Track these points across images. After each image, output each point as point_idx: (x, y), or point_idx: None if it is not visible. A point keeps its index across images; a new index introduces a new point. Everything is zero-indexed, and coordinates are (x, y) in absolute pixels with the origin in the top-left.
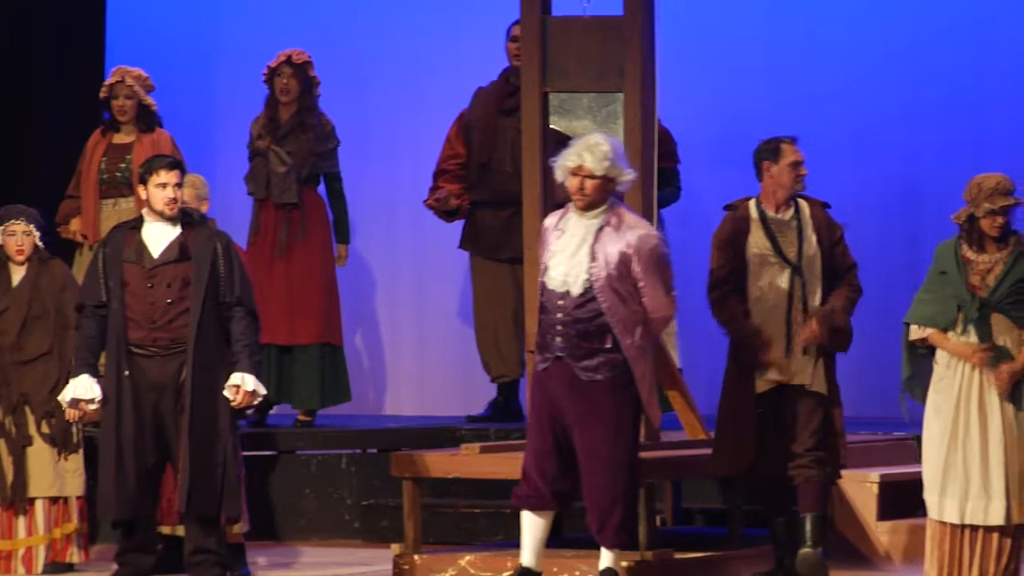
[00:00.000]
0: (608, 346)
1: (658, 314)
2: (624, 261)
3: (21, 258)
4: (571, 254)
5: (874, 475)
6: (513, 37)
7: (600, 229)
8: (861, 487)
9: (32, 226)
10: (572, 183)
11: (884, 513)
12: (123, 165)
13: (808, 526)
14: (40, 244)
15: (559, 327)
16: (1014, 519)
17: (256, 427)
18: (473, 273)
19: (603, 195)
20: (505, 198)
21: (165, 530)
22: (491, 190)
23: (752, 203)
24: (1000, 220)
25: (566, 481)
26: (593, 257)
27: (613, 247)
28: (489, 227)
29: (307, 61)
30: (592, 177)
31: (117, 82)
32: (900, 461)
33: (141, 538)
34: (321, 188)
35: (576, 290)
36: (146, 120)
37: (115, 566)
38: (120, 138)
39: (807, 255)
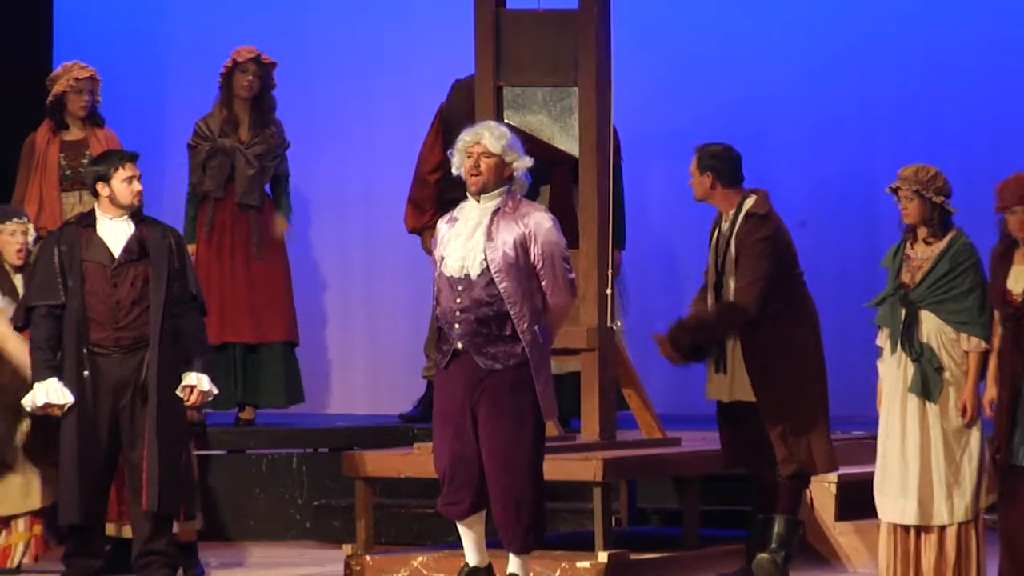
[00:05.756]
0: (507, 333)
1: (557, 299)
2: (522, 244)
3: (21, 261)
4: (467, 238)
5: (832, 475)
6: None
7: (496, 212)
8: (820, 487)
9: (30, 224)
10: (468, 163)
11: (843, 514)
12: (85, 161)
13: (775, 528)
14: None
15: (458, 313)
16: (932, 519)
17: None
18: None
19: (498, 178)
20: None
21: (109, 530)
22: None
23: None
24: (904, 204)
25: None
26: (489, 237)
27: (509, 229)
28: None
29: (273, 63)
30: (489, 155)
31: (88, 77)
32: (859, 461)
33: (92, 542)
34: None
35: (474, 272)
36: (97, 116)
37: (63, 568)
38: (71, 135)
39: (727, 269)
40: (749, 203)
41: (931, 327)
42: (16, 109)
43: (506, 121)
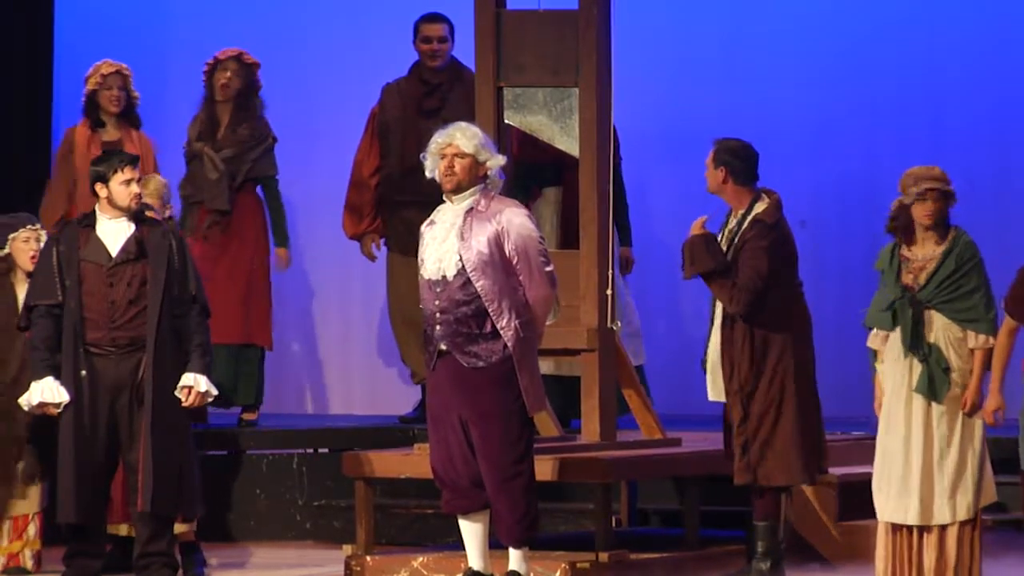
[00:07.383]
0: (488, 331)
1: (536, 292)
2: (495, 241)
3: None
4: (442, 240)
5: (832, 476)
6: (425, 38)
7: (469, 211)
8: (820, 488)
9: (43, 231)
10: (442, 164)
11: (843, 514)
12: None
13: (757, 536)
14: None
15: (438, 314)
16: (935, 519)
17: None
18: (391, 271)
19: (472, 177)
20: (432, 199)
21: (120, 531)
22: (418, 191)
23: None
24: (931, 206)
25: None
26: (462, 237)
27: (483, 228)
28: (416, 226)
29: (256, 63)
30: (462, 155)
31: (115, 72)
32: (858, 461)
33: (92, 541)
34: (260, 189)
35: (450, 273)
36: (134, 116)
37: (63, 568)
38: (108, 134)
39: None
40: (760, 208)
41: (938, 326)
42: (16, 109)
43: (506, 121)
